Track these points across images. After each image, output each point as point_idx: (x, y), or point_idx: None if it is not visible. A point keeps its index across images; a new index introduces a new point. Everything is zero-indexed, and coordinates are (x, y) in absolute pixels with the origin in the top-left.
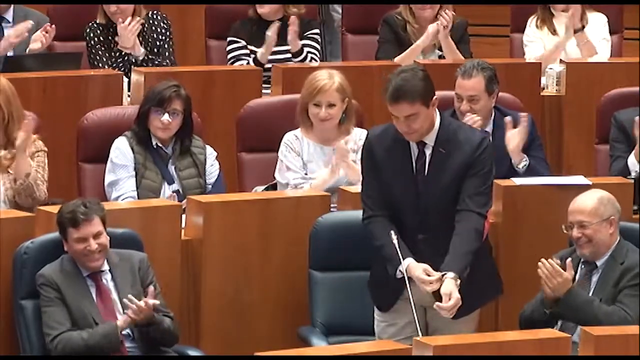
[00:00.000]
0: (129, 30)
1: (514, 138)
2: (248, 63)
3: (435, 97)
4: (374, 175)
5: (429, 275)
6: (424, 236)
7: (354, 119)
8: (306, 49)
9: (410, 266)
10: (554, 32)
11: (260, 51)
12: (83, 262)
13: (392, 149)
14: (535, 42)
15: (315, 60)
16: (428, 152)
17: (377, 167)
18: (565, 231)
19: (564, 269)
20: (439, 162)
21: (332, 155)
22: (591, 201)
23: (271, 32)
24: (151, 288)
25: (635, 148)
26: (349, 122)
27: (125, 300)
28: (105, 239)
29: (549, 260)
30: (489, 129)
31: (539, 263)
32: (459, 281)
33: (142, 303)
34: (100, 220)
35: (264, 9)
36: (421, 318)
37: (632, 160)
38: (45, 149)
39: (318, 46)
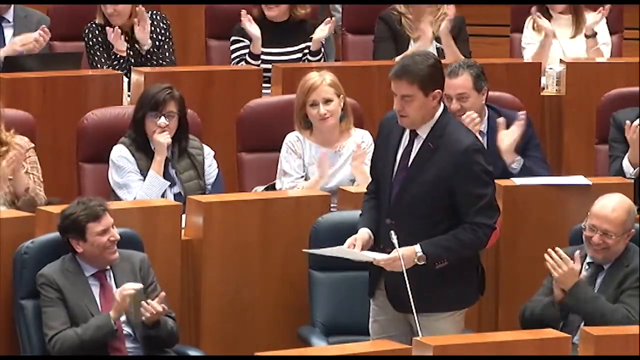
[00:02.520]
0: (115, 37)
1: (506, 138)
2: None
3: (437, 91)
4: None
5: (354, 245)
6: (391, 222)
7: (352, 117)
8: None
9: (360, 231)
10: (552, 35)
11: (251, 45)
12: (103, 257)
13: (391, 133)
14: (533, 44)
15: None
16: (418, 143)
17: (378, 147)
18: (584, 230)
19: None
20: (425, 156)
21: (334, 158)
22: (620, 212)
23: (247, 27)
24: (163, 294)
25: (629, 151)
26: (348, 121)
27: (120, 289)
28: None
29: (556, 249)
30: (484, 128)
31: (546, 254)
32: (420, 256)
33: (160, 308)
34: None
35: (272, 12)
36: (402, 319)
37: (626, 162)
38: (32, 144)
39: (322, 48)
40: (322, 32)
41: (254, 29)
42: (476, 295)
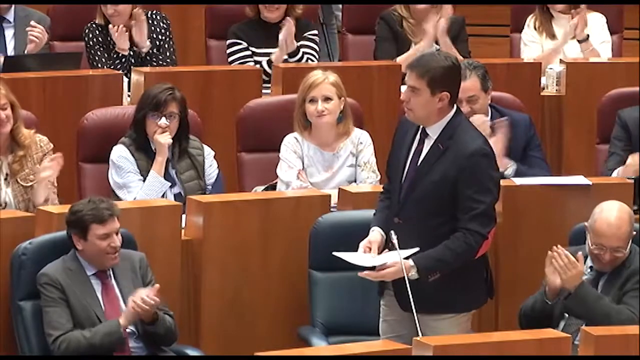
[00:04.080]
0: (119, 34)
1: (495, 145)
2: (255, 64)
3: (445, 93)
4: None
5: (370, 248)
6: (398, 221)
7: (351, 119)
8: (303, 50)
9: (373, 232)
10: (552, 36)
11: (275, 54)
12: (102, 261)
13: (407, 132)
14: (534, 42)
15: (313, 61)
16: (428, 143)
17: (394, 146)
18: (595, 251)
19: None
20: (433, 157)
21: (332, 160)
22: (624, 225)
23: (282, 35)
24: (157, 285)
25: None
26: (346, 123)
27: (132, 298)
28: (120, 237)
29: (564, 250)
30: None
31: (552, 252)
32: (413, 272)
33: (150, 300)
34: (117, 218)
35: (273, 14)
36: (410, 319)
37: (615, 175)
38: (51, 145)
39: (316, 47)
40: (283, 33)
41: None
42: (483, 299)
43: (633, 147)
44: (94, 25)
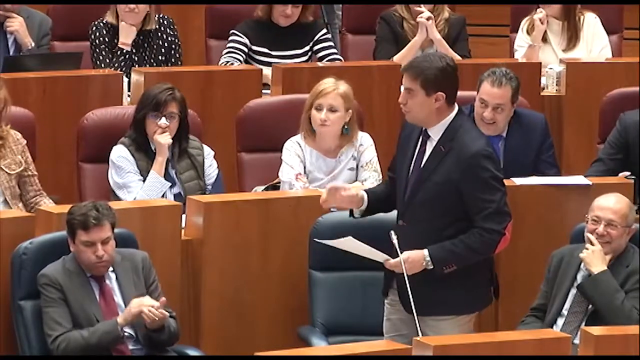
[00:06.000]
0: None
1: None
2: (235, 62)
3: (441, 93)
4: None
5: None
6: (402, 223)
7: (356, 132)
8: (327, 51)
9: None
10: (545, 40)
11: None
12: (87, 267)
13: (411, 134)
14: (522, 47)
15: (340, 60)
16: (430, 145)
17: (398, 147)
18: (588, 223)
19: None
20: (436, 159)
21: (334, 165)
22: (622, 205)
23: None
24: (163, 299)
25: None
26: (352, 135)
27: (139, 303)
28: (111, 247)
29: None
30: (504, 133)
31: (585, 250)
32: (428, 260)
33: (160, 314)
34: (111, 226)
35: (284, 20)
36: (407, 317)
37: None
38: (24, 140)
39: (333, 44)
40: None
41: None
42: (486, 301)
43: (632, 151)
44: (102, 24)
